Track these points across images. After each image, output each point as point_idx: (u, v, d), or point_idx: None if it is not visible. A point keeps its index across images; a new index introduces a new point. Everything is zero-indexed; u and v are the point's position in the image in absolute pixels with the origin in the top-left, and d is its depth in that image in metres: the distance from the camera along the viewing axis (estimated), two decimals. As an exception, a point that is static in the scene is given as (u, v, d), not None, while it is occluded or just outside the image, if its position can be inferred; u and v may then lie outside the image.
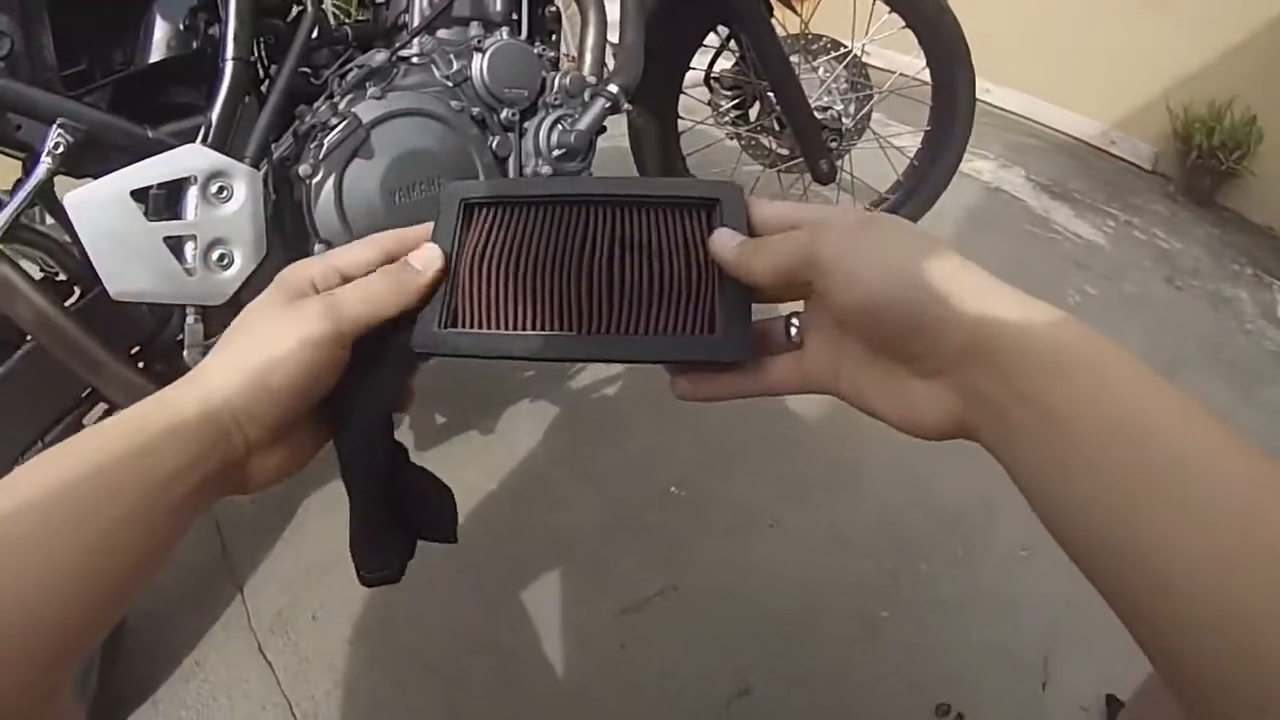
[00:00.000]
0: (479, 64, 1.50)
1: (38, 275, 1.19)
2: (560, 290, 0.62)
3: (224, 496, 0.59)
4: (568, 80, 1.59)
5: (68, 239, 1.26)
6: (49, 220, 1.29)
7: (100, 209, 1.14)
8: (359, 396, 0.61)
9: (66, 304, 1.20)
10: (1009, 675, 1.65)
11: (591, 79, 1.64)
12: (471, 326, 0.62)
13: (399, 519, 0.67)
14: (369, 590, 1.43)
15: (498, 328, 0.62)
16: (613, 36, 1.71)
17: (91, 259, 1.14)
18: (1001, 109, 4.72)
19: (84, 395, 1.29)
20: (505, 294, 0.62)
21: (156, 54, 1.31)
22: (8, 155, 1.26)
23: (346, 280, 0.63)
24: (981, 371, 0.49)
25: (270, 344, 0.56)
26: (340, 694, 1.57)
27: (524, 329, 0.62)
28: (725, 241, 0.60)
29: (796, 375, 0.62)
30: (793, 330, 0.62)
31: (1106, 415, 0.44)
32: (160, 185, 1.18)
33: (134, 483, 0.50)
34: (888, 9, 2.44)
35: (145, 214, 1.17)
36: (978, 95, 2.61)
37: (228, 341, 0.58)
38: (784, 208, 0.62)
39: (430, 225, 0.67)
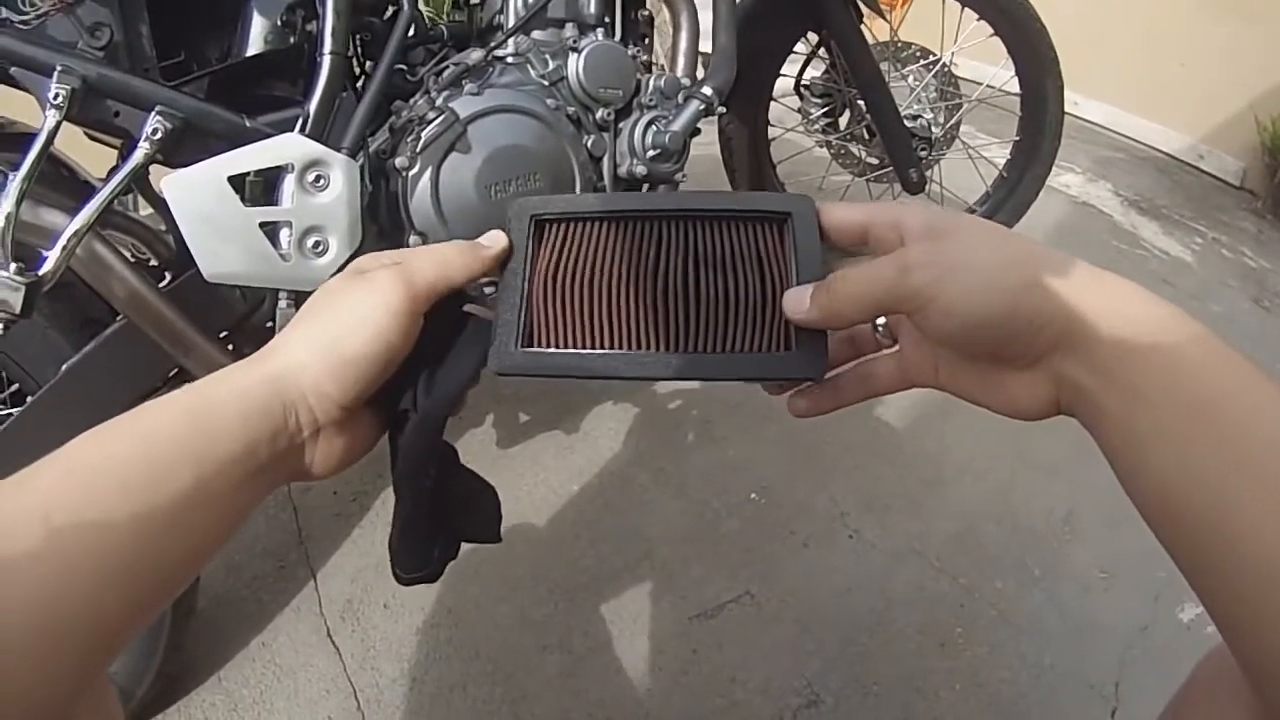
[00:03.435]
0: (575, 64, 1.49)
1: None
2: (635, 308, 0.61)
3: (285, 483, 0.58)
4: (662, 82, 1.58)
5: (160, 227, 1.27)
6: (145, 210, 1.31)
7: (197, 192, 1.14)
8: (421, 407, 0.61)
9: (159, 286, 1.21)
10: (1079, 699, 1.63)
11: (686, 81, 1.63)
12: (547, 346, 0.63)
13: (444, 519, 0.67)
14: (443, 583, 1.44)
15: (573, 346, 0.62)
16: (703, 45, 1.70)
17: (186, 240, 1.15)
18: (1089, 121, 4.66)
19: (171, 375, 1.31)
20: (580, 312, 0.62)
21: (254, 48, 1.32)
22: (104, 143, 1.27)
23: None
24: (1071, 360, 0.51)
25: (344, 313, 0.56)
26: (405, 683, 1.59)
27: (600, 347, 0.62)
28: (797, 305, 0.59)
29: (898, 376, 0.64)
30: (880, 334, 0.64)
31: (1184, 393, 0.46)
32: (257, 172, 1.18)
33: (189, 465, 0.48)
34: (976, 16, 2.41)
35: (241, 200, 1.17)
36: (1066, 108, 2.58)
37: (301, 318, 0.58)
38: (852, 213, 0.62)
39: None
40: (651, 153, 1.57)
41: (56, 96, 1.07)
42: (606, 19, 1.60)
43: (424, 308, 0.59)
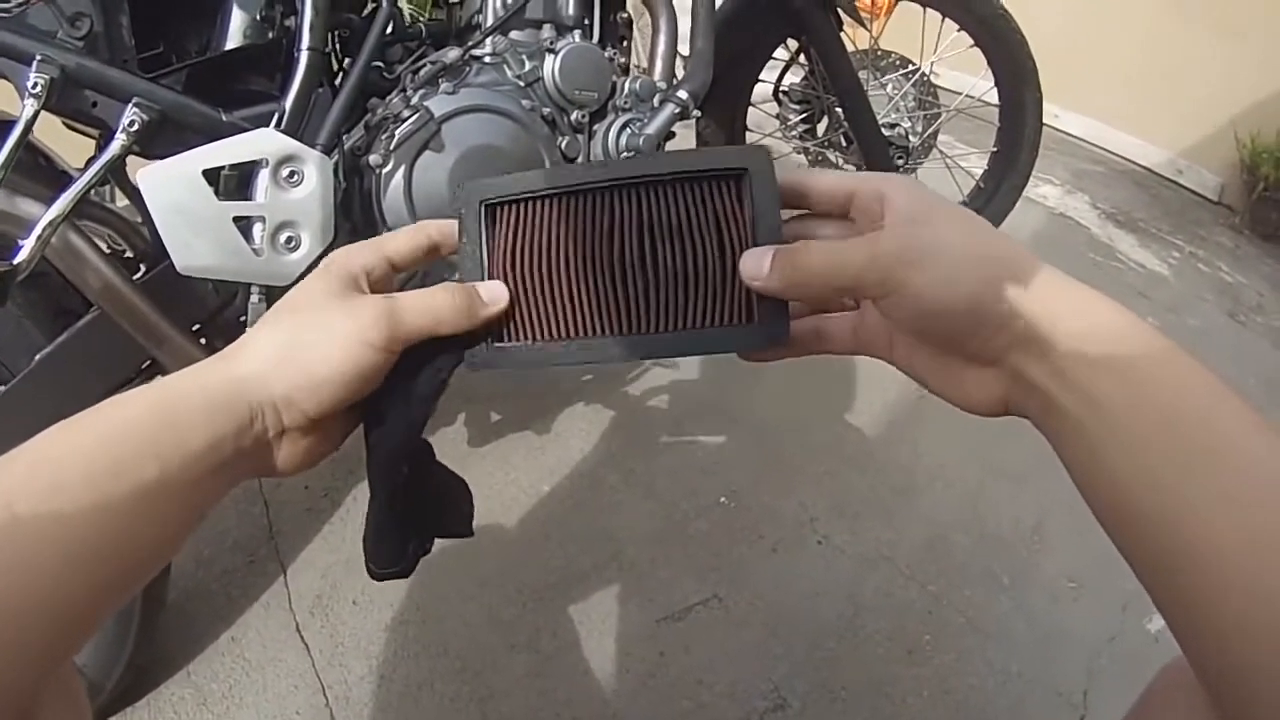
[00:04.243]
0: (551, 65, 1.50)
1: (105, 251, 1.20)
2: (594, 290, 0.61)
3: (250, 478, 0.57)
4: (638, 85, 1.59)
5: (137, 219, 1.28)
6: (120, 201, 1.31)
7: (172, 184, 1.14)
8: (397, 404, 0.60)
9: (133, 278, 1.21)
10: (1046, 707, 1.64)
11: (661, 84, 1.63)
12: (512, 339, 0.63)
13: (418, 515, 0.67)
14: (412, 580, 1.43)
15: (536, 339, 0.62)
16: (683, 49, 1.70)
17: (160, 232, 1.15)
18: (1068, 134, 4.68)
19: (144, 367, 1.31)
20: (540, 304, 0.62)
21: (233, 41, 1.32)
22: (82, 133, 1.28)
23: (396, 269, 0.63)
24: (1030, 360, 0.51)
25: (323, 334, 0.55)
26: (373, 680, 1.59)
27: (562, 336, 0.62)
28: (756, 270, 0.57)
29: (852, 339, 0.64)
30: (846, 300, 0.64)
31: (1143, 399, 0.47)
32: (232, 166, 1.19)
33: (153, 457, 0.48)
34: (957, 27, 2.42)
35: (216, 194, 1.17)
36: (1046, 120, 2.59)
37: (278, 321, 0.57)
38: (840, 180, 0.61)
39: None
40: (625, 155, 1.58)
41: (35, 85, 1.07)
42: (585, 21, 1.60)
43: (401, 348, 0.58)
